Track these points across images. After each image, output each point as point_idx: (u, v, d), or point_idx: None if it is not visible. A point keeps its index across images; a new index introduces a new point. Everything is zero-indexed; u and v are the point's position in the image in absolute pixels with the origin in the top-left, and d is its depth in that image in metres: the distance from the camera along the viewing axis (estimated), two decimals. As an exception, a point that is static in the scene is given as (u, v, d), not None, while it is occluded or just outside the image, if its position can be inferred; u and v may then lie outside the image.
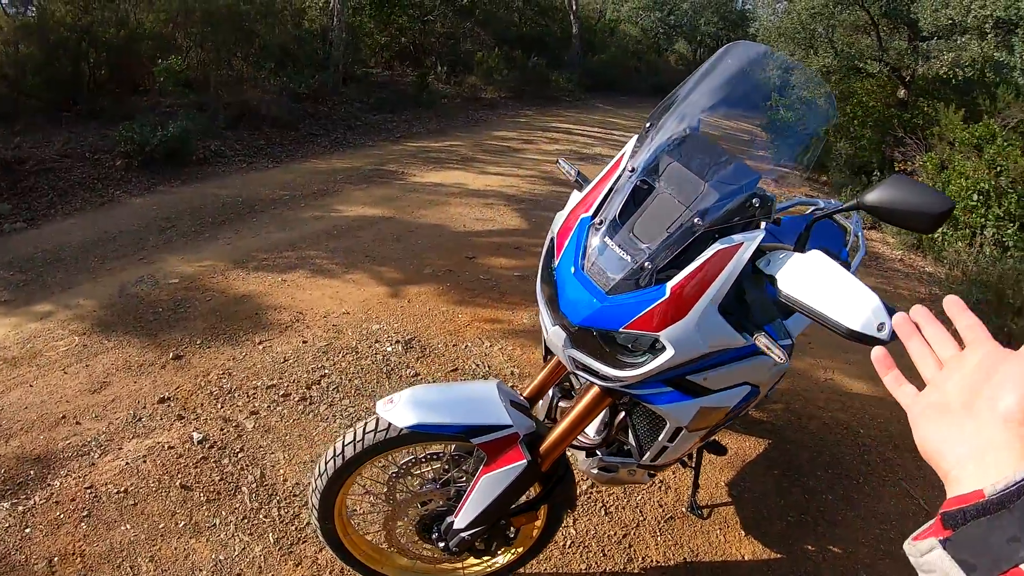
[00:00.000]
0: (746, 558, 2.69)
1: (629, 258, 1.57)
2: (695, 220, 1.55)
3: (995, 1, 8.75)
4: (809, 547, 2.79)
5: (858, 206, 1.50)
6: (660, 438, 1.93)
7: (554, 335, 1.67)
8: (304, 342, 3.85)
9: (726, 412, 1.92)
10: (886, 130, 12.86)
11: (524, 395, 2.08)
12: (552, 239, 1.78)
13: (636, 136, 1.78)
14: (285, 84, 9.86)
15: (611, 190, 1.71)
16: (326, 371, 3.60)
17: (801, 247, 1.62)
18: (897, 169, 11.12)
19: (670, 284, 1.52)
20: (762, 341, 1.51)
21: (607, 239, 1.62)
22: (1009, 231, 8.74)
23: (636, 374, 1.62)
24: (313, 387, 3.46)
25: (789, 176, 1.80)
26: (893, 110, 13.27)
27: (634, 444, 2.08)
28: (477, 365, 3.89)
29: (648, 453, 2.01)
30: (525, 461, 1.83)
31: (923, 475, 3.34)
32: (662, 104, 1.78)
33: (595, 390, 1.84)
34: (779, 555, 2.73)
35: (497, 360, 3.98)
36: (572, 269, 1.63)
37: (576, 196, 1.85)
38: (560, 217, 1.80)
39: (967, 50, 9.48)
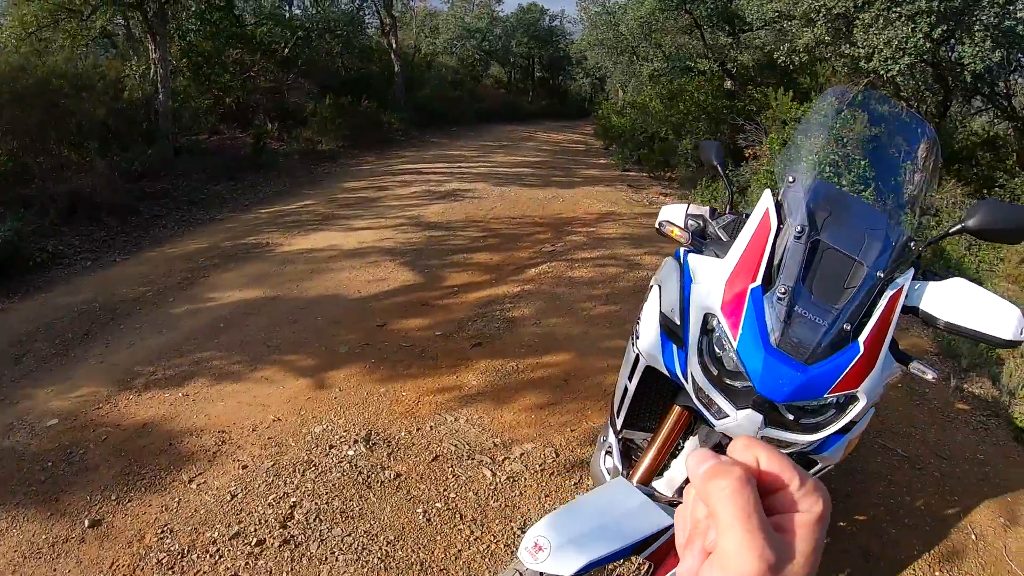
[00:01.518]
0: None
1: (824, 322, 1.55)
2: (878, 273, 1.61)
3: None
4: None
5: (963, 230, 1.72)
6: None
7: (746, 419, 1.57)
8: (245, 467, 3.25)
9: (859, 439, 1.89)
10: (719, 120, 13.43)
11: (637, 481, 1.94)
12: (710, 315, 1.68)
13: (768, 191, 1.74)
14: (116, 164, 8.86)
15: (772, 254, 1.65)
16: (293, 499, 3.03)
17: (926, 275, 1.76)
18: (747, 155, 11.66)
19: (862, 339, 1.55)
20: (916, 366, 1.70)
21: (796, 307, 1.57)
22: (865, 194, 9.32)
23: (828, 432, 1.61)
24: (289, 523, 2.88)
25: (915, 208, 1.83)
26: (723, 101, 13.85)
27: None
28: (456, 447, 3.50)
29: None
30: None
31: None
32: (788, 152, 1.82)
33: None
34: None
35: (472, 434, 3.63)
36: (763, 346, 1.54)
37: (710, 262, 1.81)
38: (706, 291, 1.71)
39: (801, 38, 9.93)
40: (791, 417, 1.59)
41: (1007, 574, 3.09)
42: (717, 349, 1.66)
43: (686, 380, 1.73)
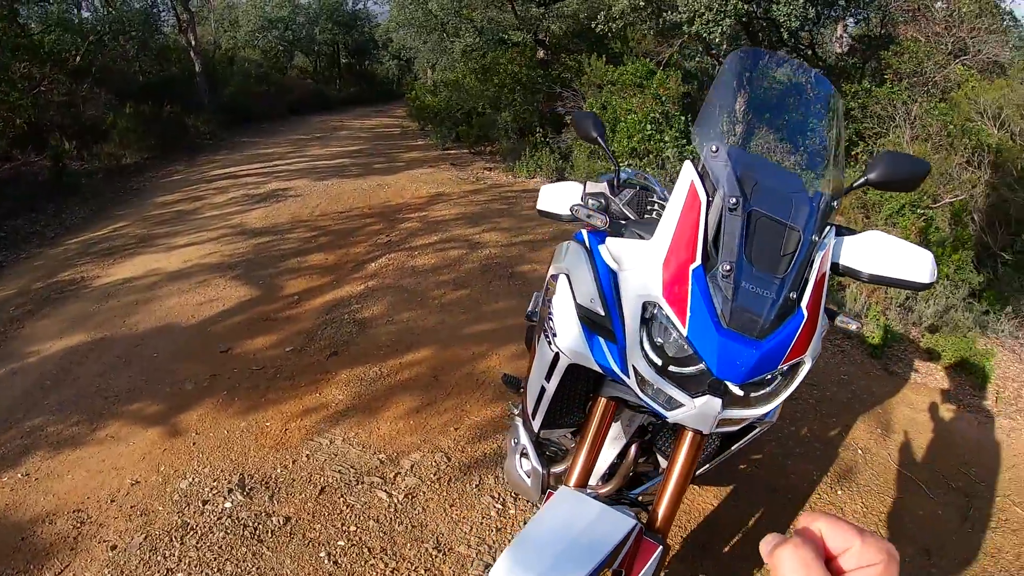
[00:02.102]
0: None
1: (771, 294, 1.54)
2: (812, 237, 1.62)
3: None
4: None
5: (867, 183, 1.76)
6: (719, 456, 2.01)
7: (705, 407, 1.53)
8: (114, 548, 2.89)
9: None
10: (535, 91, 13.65)
11: (576, 484, 1.87)
12: (648, 303, 1.61)
13: (688, 163, 1.68)
14: None
15: (707, 229, 1.59)
16: (178, 574, 2.75)
17: (839, 231, 1.79)
18: (568, 122, 11.90)
19: (804, 304, 1.56)
20: (841, 320, 1.82)
21: (742, 283, 1.53)
22: (688, 148, 9.95)
23: (780, 401, 1.63)
24: (179, 605, 2.61)
25: (831, 170, 1.85)
26: (537, 71, 14.06)
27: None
28: (341, 472, 3.34)
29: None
30: (660, 547, 1.61)
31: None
32: (702, 121, 1.77)
33: (693, 436, 1.71)
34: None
35: (353, 455, 3.48)
36: (715, 328, 1.50)
37: (635, 245, 1.76)
38: (639, 277, 1.65)
39: (617, 4, 10.19)
40: (741, 394, 1.56)
41: (897, 477, 3.54)
42: (658, 338, 1.60)
43: (626, 374, 1.67)
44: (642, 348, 1.61)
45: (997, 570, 3.02)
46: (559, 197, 2.16)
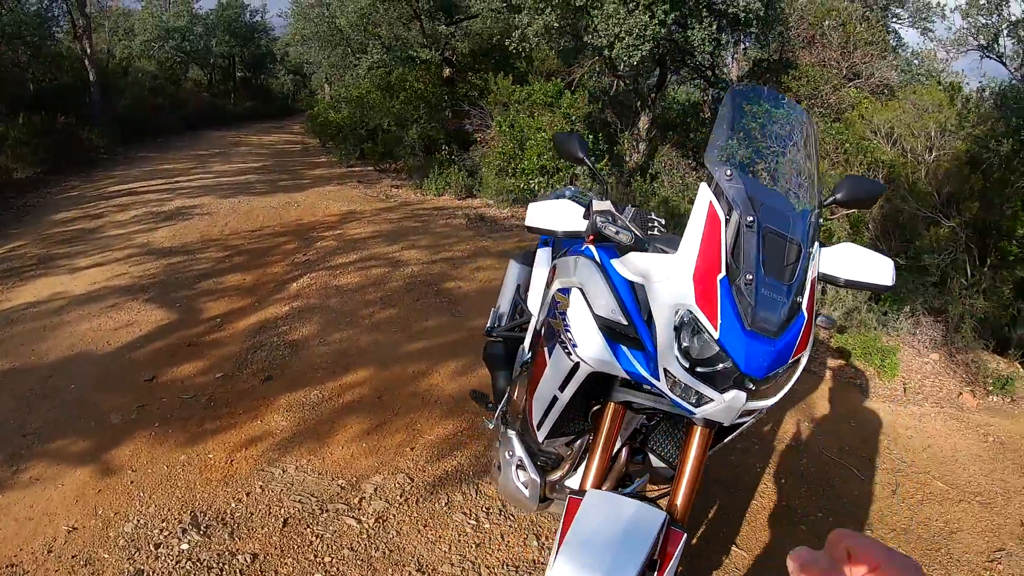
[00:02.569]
0: None
1: (783, 299, 1.74)
2: (809, 249, 1.85)
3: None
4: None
5: (834, 202, 2.07)
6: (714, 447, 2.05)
7: (733, 400, 1.71)
8: None
9: None
10: (441, 108, 13.71)
11: (593, 487, 1.99)
12: (685, 314, 1.74)
13: (704, 185, 1.84)
14: None
15: (725, 243, 1.77)
16: None
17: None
18: (478, 139, 12.03)
19: (804, 305, 1.79)
20: (819, 320, 2.06)
21: (761, 290, 1.72)
22: (600, 165, 10.39)
23: (786, 390, 1.84)
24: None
25: (813, 189, 2.05)
26: (443, 89, 14.12)
27: (665, 465, 2.24)
28: (302, 502, 3.23)
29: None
30: (685, 535, 1.75)
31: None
32: (713, 148, 1.93)
33: (703, 431, 1.87)
34: None
35: (311, 482, 3.39)
36: (741, 331, 1.68)
37: (661, 259, 1.86)
38: (671, 288, 1.78)
39: (532, 25, 10.32)
40: (753, 388, 1.73)
41: (830, 464, 3.95)
42: (686, 342, 1.73)
43: (655, 378, 1.77)
44: (674, 354, 1.74)
45: (930, 536, 3.44)
46: (553, 214, 2.23)
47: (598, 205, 2.12)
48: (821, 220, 2.00)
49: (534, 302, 2.96)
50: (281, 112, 32.55)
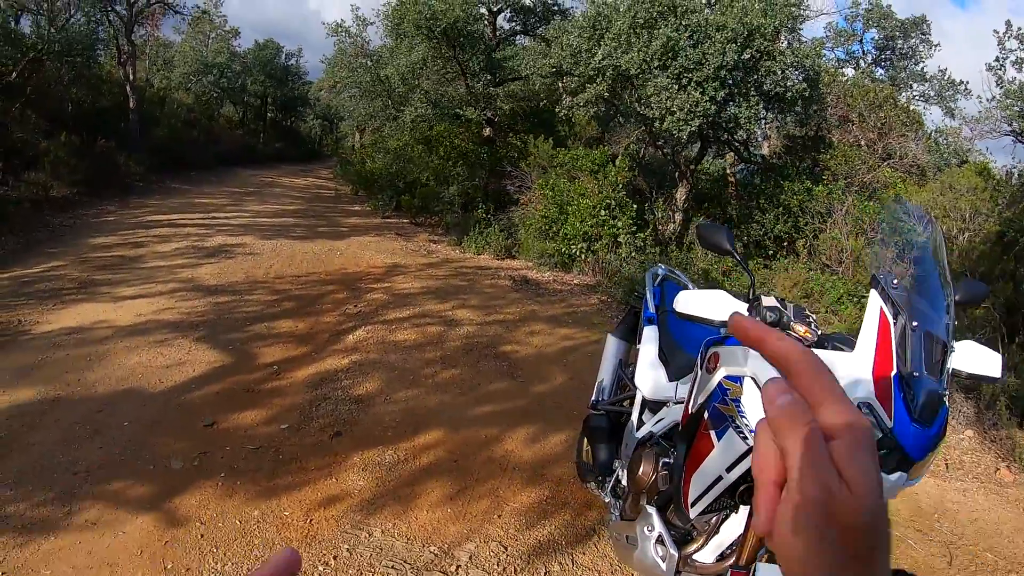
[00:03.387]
0: None
1: (939, 392, 1.87)
2: (952, 348, 2.03)
3: (604, 59, 10.09)
4: None
5: (958, 303, 2.24)
6: None
7: (898, 480, 1.87)
8: None
9: None
10: (479, 166, 13.64)
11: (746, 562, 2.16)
12: (862, 403, 1.90)
13: (874, 291, 2.03)
14: None
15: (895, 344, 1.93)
16: None
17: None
18: (523, 201, 12.00)
19: (946, 396, 1.92)
20: None
21: (926, 385, 1.85)
22: (640, 235, 10.55)
23: (931, 467, 2.10)
24: None
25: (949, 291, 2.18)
26: (483, 148, 14.06)
27: None
28: (396, 568, 2.96)
29: None
30: None
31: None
32: (880, 260, 2.24)
33: None
34: None
35: (400, 548, 3.15)
36: (909, 422, 1.83)
37: (842, 357, 2.04)
38: (852, 384, 1.93)
39: (583, 92, 10.43)
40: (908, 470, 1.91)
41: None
42: None
43: None
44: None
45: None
46: (711, 304, 2.39)
47: (767, 300, 2.32)
48: (956, 323, 2.15)
49: (643, 378, 3.04)
50: (308, 156, 32.75)
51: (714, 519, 2.37)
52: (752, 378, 2.07)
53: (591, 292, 9.23)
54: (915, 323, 1.95)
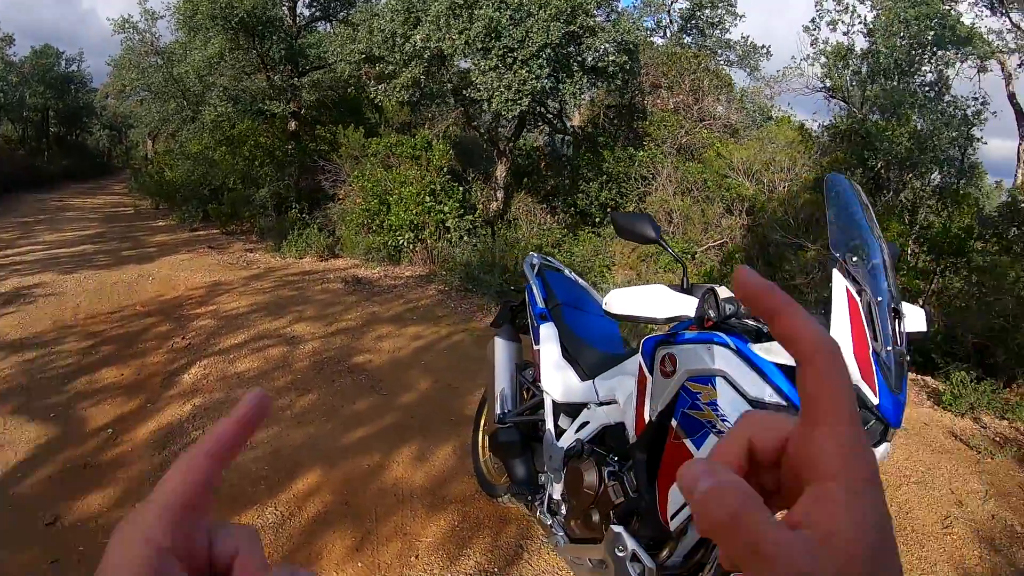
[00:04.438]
0: None
1: (904, 361, 1.97)
2: (901, 311, 2.04)
3: (422, 43, 10.08)
4: None
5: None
6: None
7: (883, 452, 1.98)
8: None
9: None
10: (287, 164, 13.20)
11: None
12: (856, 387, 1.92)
13: (836, 271, 2.02)
14: None
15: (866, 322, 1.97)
16: None
17: None
18: (336, 195, 11.74)
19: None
20: None
21: (895, 358, 1.94)
22: (468, 218, 10.69)
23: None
24: None
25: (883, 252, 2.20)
26: (291, 144, 13.61)
27: None
28: None
29: None
30: None
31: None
32: (836, 240, 2.10)
33: None
34: None
35: None
36: (891, 396, 1.90)
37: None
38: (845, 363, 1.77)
39: (398, 77, 10.21)
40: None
41: None
42: None
43: None
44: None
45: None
46: (651, 302, 2.30)
47: (723, 292, 2.19)
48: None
49: (551, 382, 2.90)
50: (99, 171, 30.64)
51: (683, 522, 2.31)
52: (725, 377, 2.04)
53: (427, 283, 9.11)
54: (879, 298, 1.99)
